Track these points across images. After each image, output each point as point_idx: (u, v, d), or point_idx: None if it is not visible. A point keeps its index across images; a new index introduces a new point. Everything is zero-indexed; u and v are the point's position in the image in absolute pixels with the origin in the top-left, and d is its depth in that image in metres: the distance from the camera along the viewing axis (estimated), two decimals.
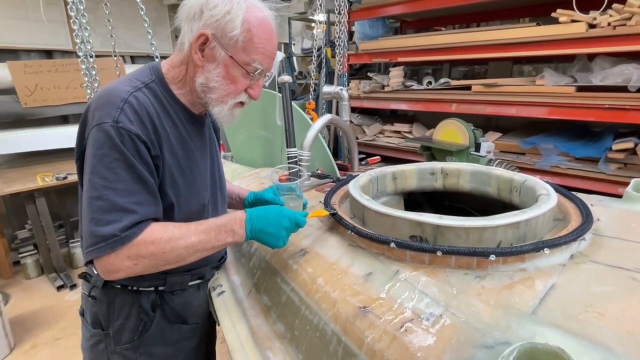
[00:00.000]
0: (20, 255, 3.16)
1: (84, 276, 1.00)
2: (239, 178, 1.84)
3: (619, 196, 1.10)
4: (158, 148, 0.85)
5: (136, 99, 0.82)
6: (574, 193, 1.07)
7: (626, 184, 1.11)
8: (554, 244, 0.77)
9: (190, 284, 1.03)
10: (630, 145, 2.05)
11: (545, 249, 0.76)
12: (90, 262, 0.83)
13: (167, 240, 0.81)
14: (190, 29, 0.85)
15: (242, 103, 0.94)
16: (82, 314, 1.02)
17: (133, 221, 0.78)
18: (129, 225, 0.78)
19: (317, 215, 1.02)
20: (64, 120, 3.60)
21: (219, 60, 0.85)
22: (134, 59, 4.04)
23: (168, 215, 0.89)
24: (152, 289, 0.97)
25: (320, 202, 1.21)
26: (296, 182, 1.09)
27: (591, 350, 0.54)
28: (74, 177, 2.97)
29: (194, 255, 0.85)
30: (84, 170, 0.81)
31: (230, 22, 0.82)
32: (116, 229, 0.76)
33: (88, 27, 1.89)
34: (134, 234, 0.78)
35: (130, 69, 3.34)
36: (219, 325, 1.03)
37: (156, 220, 0.85)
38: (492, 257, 0.74)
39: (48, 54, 3.47)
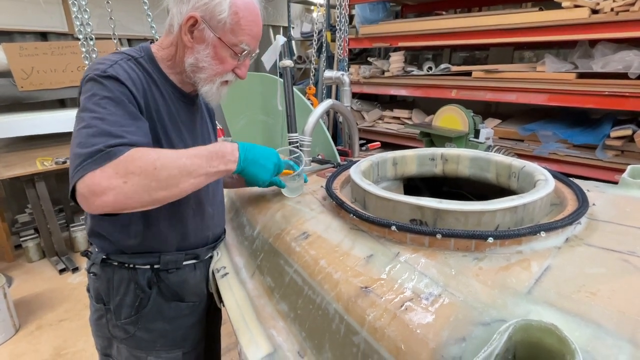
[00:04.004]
0: (21, 239, 3.18)
1: (86, 253, 1.04)
2: None
3: (615, 183, 1.12)
4: (145, 110, 0.86)
5: (126, 65, 0.85)
6: (571, 179, 1.09)
7: (622, 171, 1.12)
8: (550, 227, 0.79)
9: (185, 263, 1.06)
10: (628, 132, 2.06)
11: (542, 232, 0.78)
12: (93, 234, 0.83)
13: (157, 157, 0.75)
14: (179, 11, 0.87)
15: (227, 82, 0.97)
16: (88, 289, 1.08)
17: (120, 142, 0.74)
18: (115, 144, 0.73)
19: (286, 174, 1.11)
20: (61, 104, 3.57)
21: (207, 42, 0.88)
22: (130, 42, 3.97)
23: None
24: (148, 266, 1.00)
25: (321, 186, 1.22)
26: (298, 158, 1.14)
27: (583, 327, 0.56)
28: None
29: (187, 181, 0.79)
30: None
31: (218, 5, 0.85)
32: (101, 146, 0.72)
33: (87, 9, 1.86)
34: (120, 151, 0.72)
35: None
36: (223, 306, 1.06)
37: None
38: (490, 240, 0.76)
39: (43, 36, 3.41)
